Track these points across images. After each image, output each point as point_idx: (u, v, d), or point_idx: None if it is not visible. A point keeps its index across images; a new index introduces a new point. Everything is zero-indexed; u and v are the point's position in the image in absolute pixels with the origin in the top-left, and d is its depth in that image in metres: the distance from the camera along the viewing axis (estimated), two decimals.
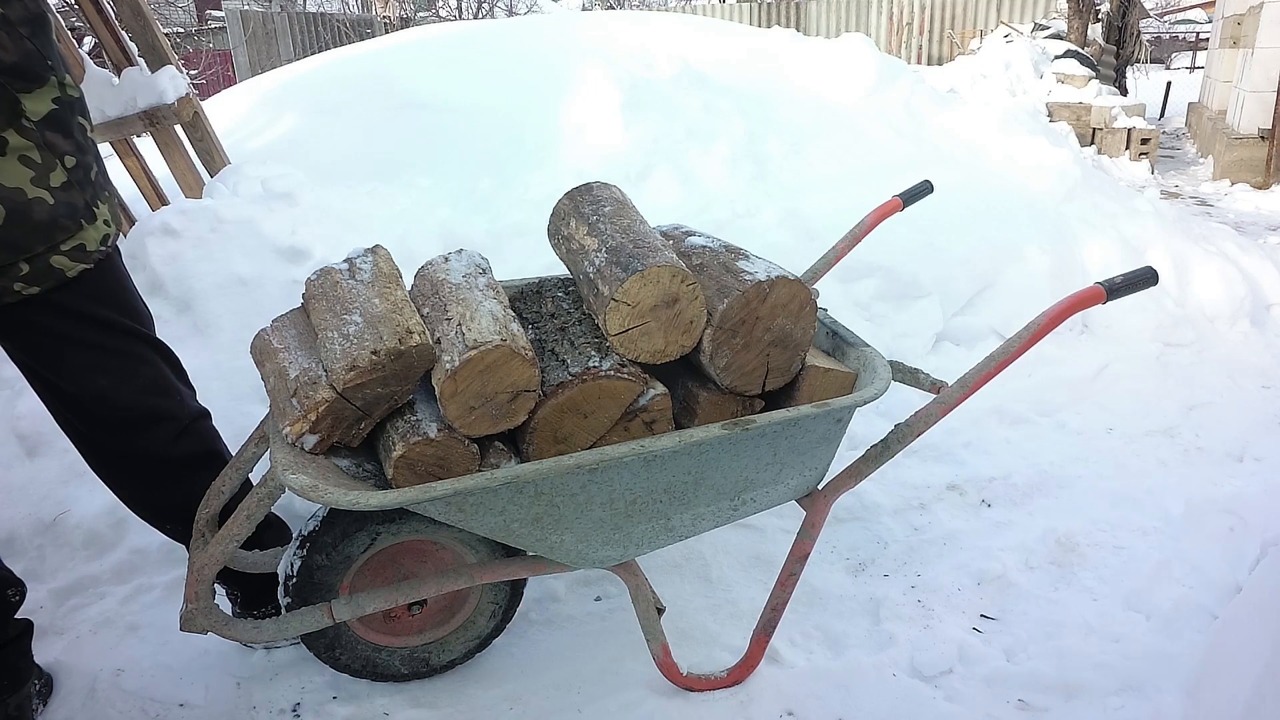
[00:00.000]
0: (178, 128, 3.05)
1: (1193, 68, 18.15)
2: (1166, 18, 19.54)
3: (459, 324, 1.41)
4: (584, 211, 1.67)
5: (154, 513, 1.72)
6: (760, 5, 16.97)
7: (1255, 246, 4.14)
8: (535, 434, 1.43)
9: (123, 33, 2.94)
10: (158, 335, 1.68)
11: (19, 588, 1.67)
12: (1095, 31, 11.63)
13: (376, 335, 1.37)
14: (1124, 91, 11.29)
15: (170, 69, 3.00)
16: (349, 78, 4.28)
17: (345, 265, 1.60)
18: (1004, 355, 1.52)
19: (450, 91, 4.02)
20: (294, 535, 1.65)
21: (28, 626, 1.70)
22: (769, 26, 8.87)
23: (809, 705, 1.72)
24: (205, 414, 1.75)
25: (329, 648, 1.69)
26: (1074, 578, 2.11)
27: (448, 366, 1.35)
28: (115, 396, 1.56)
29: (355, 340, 1.37)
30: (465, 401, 1.36)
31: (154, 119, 2.95)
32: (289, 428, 1.36)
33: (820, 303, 1.67)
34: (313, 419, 1.35)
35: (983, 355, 2.56)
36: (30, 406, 2.31)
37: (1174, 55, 19.68)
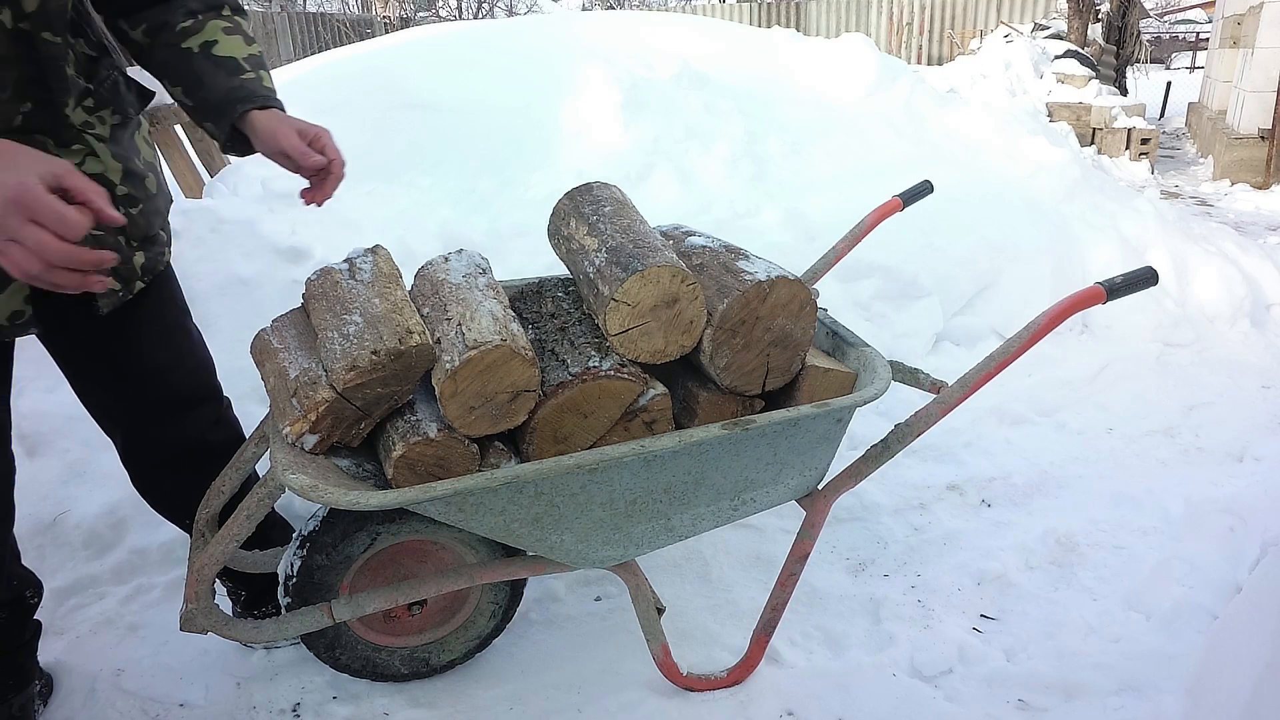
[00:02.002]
0: (178, 128, 3.05)
1: (1193, 68, 18.14)
2: (1166, 18, 19.53)
3: (459, 324, 1.41)
4: (584, 211, 1.66)
5: (180, 509, 1.73)
6: (760, 5, 16.97)
7: (1255, 246, 4.14)
8: (535, 434, 1.43)
9: None
10: None
11: (37, 589, 1.67)
12: (1095, 31, 11.63)
13: (376, 335, 1.37)
14: (1124, 91, 11.30)
15: None
16: (349, 77, 4.28)
17: (345, 265, 1.60)
18: (1004, 355, 1.52)
19: (450, 91, 4.02)
20: (294, 535, 1.65)
21: (38, 628, 1.70)
22: (769, 26, 8.86)
23: (809, 705, 1.72)
24: (229, 401, 1.78)
25: (329, 648, 1.69)
26: (1074, 578, 2.11)
27: (448, 366, 1.35)
28: (172, 372, 1.58)
29: (355, 340, 1.37)
30: (465, 401, 1.36)
31: (154, 119, 2.95)
32: (289, 428, 1.36)
33: (820, 303, 1.67)
34: (313, 419, 1.35)
35: (983, 355, 2.56)
36: (31, 406, 2.31)
37: (1174, 55, 19.67)
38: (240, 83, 1.39)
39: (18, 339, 1.41)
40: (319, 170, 1.44)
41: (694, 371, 1.60)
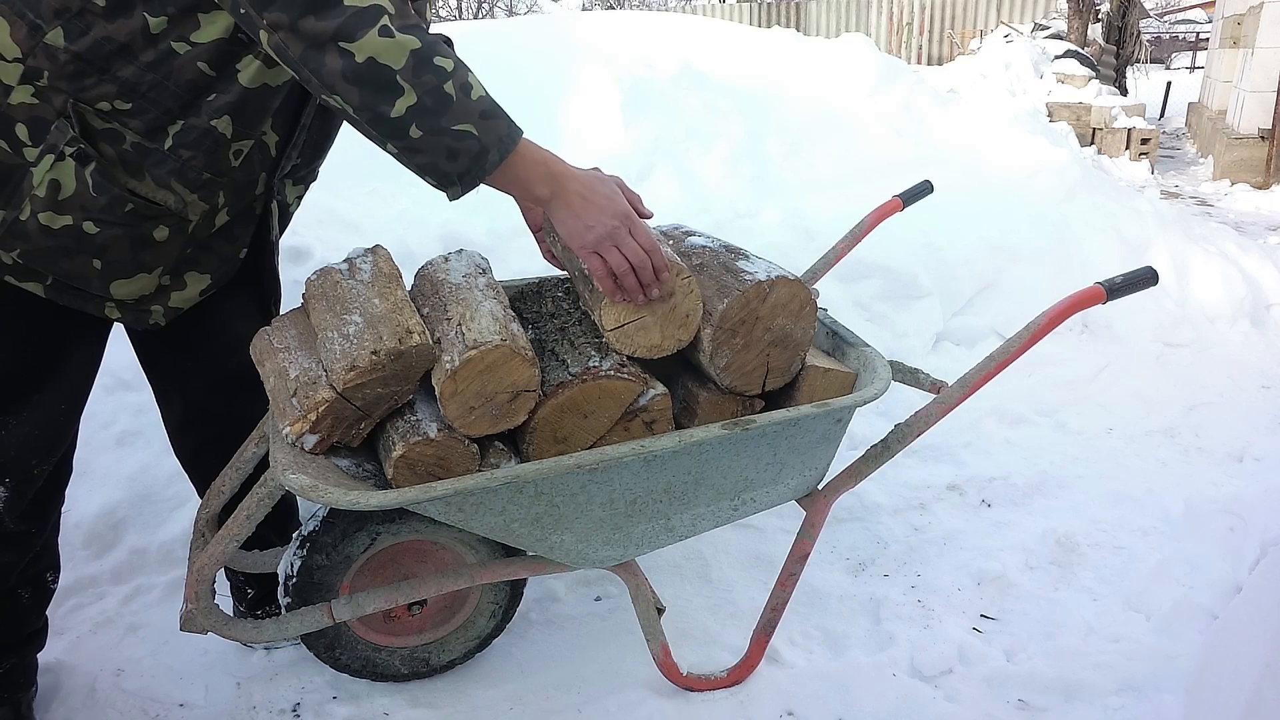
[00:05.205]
0: None
1: (1193, 68, 18.14)
2: (1166, 18, 19.54)
3: (459, 324, 1.41)
4: None
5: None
6: (760, 5, 17.00)
7: (1255, 246, 4.14)
8: (535, 434, 1.42)
9: None
10: None
11: (57, 573, 1.68)
12: (1095, 31, 11.65)
13: (376, 335, 1.37)
14: (1124, 91, 11.30)
15: None
16: None
17: (345, 265, 1.60)
18: (1004, 355, 1.52)
19: None
20: (294, 535, 1.65)
21: (46, 623, 1.70)
22: (769, 26, 8.87)
23: (809, 705, 1.72)
24: None
25: (329, 648, 1.69)
26: (1074, 578, 2.11)
27: (448, 366, 1.35)
28: (246, 349, 1.62)
29: (355, 340, 1.37)
30: (465, 401, 1.36)
31: None
32: (289, 428, 1.36)
33: (820, 303, 1.67)
34: (313, 419, 1.35)
35: (983, 355, 2.56)
36: None
37: (1174, 55, 19.67)
38: None
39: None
40: None
41: (694, 371, 1.59)
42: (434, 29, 1.63)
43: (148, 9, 1.22)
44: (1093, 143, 8.60)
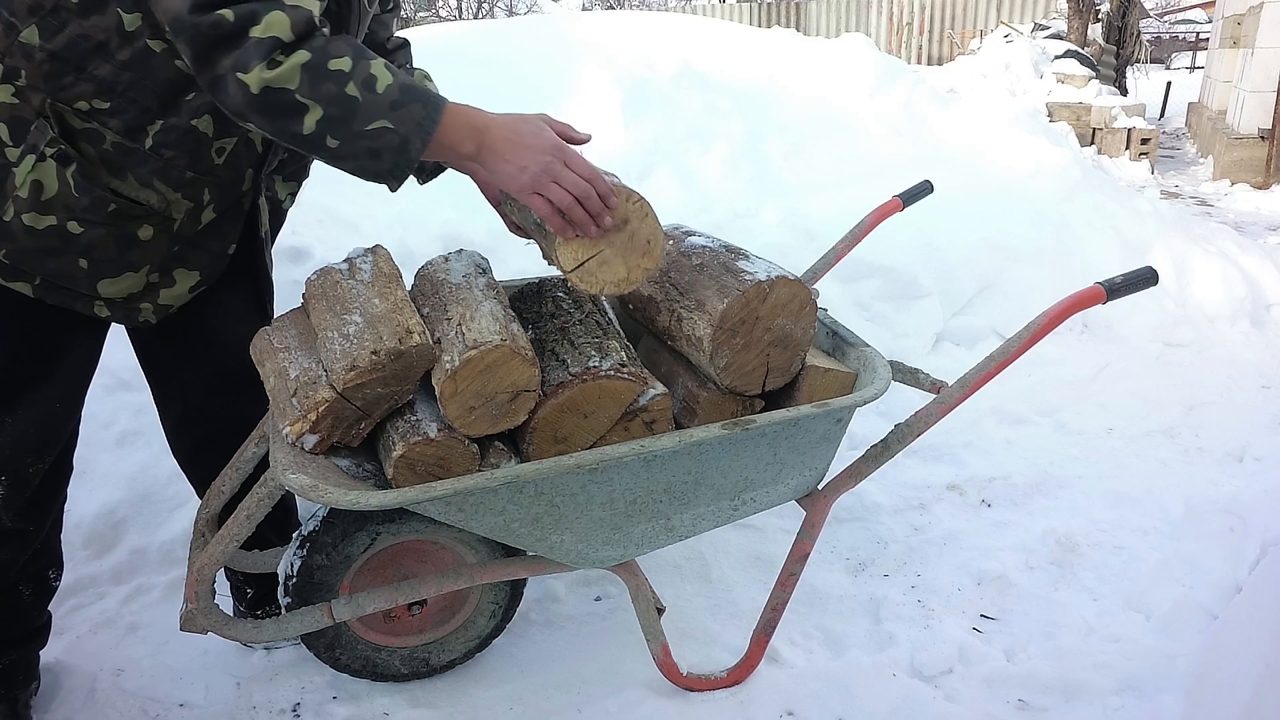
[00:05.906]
0: None
1: (1193, 68, 18.13)
2: (1166, 18, 19.52)
3: (459, 324, 1.41)
4: None
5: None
6: (760, 5, 17.00)
7: (1255, 246, 4.14)
8: (535, 434, 1.43)
9: None
10: None
11: (59, 571, 1.68)
12: (1095, 31, 11.64)
13: (376, 335, 1.37)
14: (1124, 91, 11.30)
15: None
16: None
17: (345, 265, 1.60)
18: (1004, 355, 1.52)
19: (450, 92, 4.00)
20: (294, 535, 1.66)
21: (49, 620, 1.70)
22: (769, 26, 8.88)
23: (809, 705, 1.72)
24: None
25: (329, 648, 1.69)
26: (1074, 578, 2.11)
27: (448, 366, 1.35)
28: (245, 346, 1.62)
29: (355, 340, 1.37)
30: (465, 401, 1.36)
31: None
32: (289, 428, 1.36)
33: (820, 303, 1.67)
34: (313, 419, 1.35)
35: (983, 355, 2.55)
36: None
37: (1174, 55, 19.66)
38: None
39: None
40: None
41: (694, 371, 1.60)
42: (433, 30, 1.62)
43: (121, 5, 1.21)
44: (1093, 143, 8.59)
